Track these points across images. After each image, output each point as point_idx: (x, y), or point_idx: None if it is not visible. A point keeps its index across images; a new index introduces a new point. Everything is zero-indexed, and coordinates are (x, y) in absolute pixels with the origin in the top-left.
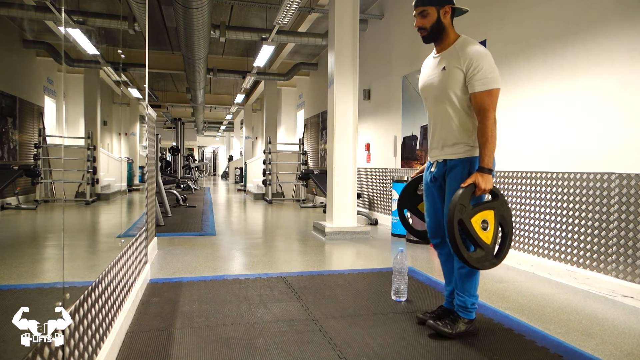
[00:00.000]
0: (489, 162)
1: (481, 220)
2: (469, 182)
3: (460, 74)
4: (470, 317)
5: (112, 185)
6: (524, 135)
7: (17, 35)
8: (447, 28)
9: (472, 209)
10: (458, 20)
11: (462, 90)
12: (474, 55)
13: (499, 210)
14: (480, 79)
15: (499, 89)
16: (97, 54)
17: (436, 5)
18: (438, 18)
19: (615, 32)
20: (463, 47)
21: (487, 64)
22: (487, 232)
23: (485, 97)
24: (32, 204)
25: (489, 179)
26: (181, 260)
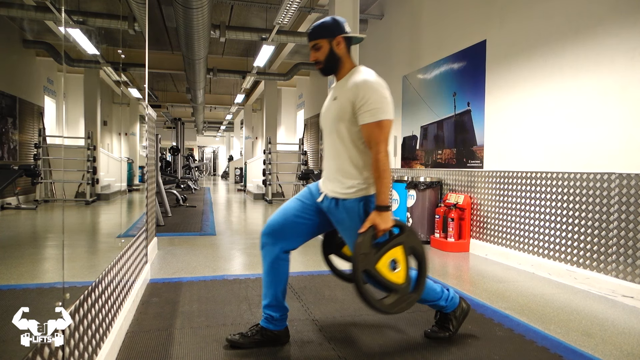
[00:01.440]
0: (385, 199)
1: (389, 261)
2: (367, 226)
3: (349, 105)
4: (453, 307)
5: (112, 185)
6: (524, 135)
7: (17, 35)
8: (342, 58)
9: (375, 253)
10: (458, 21)
11: (351, 122)
12: (362, 85)
13: (408, 243)
14: (369, 109)
15: (391, 120)
16: (97, 54)
17: (327, 37)
18: (331, 49)
19: (615, 32)
20: (353, 77)
21: (376, 94)
22: (398, 272)
23: (374, 128)
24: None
25: (388, 217)
26: (181, 260)
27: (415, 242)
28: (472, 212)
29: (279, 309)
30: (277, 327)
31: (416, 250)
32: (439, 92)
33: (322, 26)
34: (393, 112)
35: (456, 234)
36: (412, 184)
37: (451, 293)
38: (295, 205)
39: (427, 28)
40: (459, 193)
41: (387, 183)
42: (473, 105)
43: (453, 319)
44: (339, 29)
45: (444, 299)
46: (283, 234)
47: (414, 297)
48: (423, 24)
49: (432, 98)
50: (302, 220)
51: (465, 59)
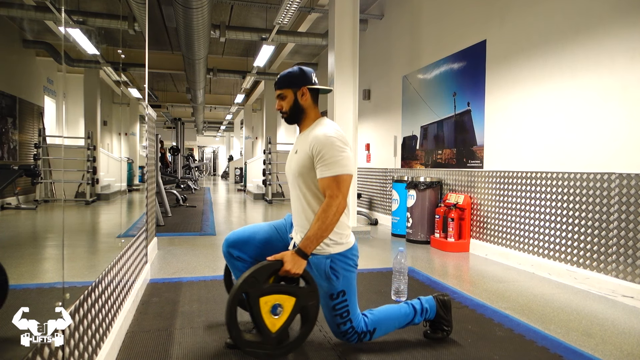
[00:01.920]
0: (310, 247)
1: (274, 303)
2: (277, 258)
3: (308, 159)
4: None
5: (112, 185)
6: (524, 135)
7: (17, 35)
8: (307, 109)
9: (267, 287)
10: (458, 21)
11: (311, 176)
12: (322, 139)
13: (303, 300)
14: (326, 164)
15: (350, 175)
16: (97, 54)
17: (292, 87)
18: (295, 100)
19: (615, 32)
20: (313, 130)
21: (333, 149)
22: (276, 319)
23: (331, 182)
24: (32, 204)
25: (302, 265)
26: (181, 260)
27: (311, 306)
28: (472, 212)
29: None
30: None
31: (307, 314)
32: (439, 92)
33: (288, 76)
34: (353, 167)
35: (456, 234)
36: (412, 184)
37: (423, 302)
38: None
39: (427, 28)
40: (459, 193)
41: (322, 236)
42: (473, 105)
43: (442, 319)
44: (304, 79)
45: (418, 315)
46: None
47: (276, 352)
48: (423, 24)
49: (432, 98)
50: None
51: (465, 59)
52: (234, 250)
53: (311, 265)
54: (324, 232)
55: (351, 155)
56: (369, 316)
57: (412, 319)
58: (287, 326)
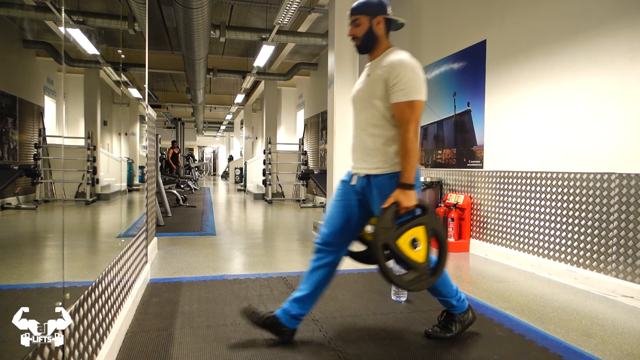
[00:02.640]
0: (410, 177)
1: (410, 239)
2: (391, 202)
3: (382, 83)
4: (463, 309)
5: (112, 185)
6: (524, 135)
7: (17, 35)
8: (380, 39)
9: (396, 229)
10: (458, 21)
11: (383, 100)
12: (397, 64)
13: (430, 224)
14: (401, 88)
15: (422, 101)
16: (97, 54)
17: (369, 15)
18: (370, 28)
19: (615, 32)
20: (387, 56)
21: (410, 74)
22: (418, 251)
23: (405, 108)
24: (32, 204)
25: (412, 195)
26: (181, 260)
27: (437, 225)
28: (472, 212)
29: (304, 307)
30: (289, 325)
31: (438, 232)
32: (439, 92)
33: (366, 3)
34: (426, 93)
35: (456, 234)
36: None
37: (463, 296)
38: (337, 209)
39: (427, 28)
40: (459, 193)
41: (413, 162)
42: (473, 105)
43: (457, 322)
44: (381, 9)
45: (456, 299)
46: (337, 241)
47: (432, 278)
48: (423, 24)
49: (432, 98)
50: (350, 220)
51: (465, 59)
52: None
53: (376, 187)
54: (412, 156)
55: (424, 82)
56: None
57: (453, 295)
58: (429, 252)
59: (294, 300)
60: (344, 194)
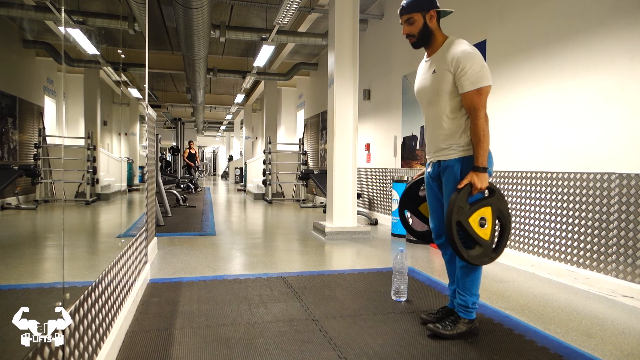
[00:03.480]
0: (484, 161)
1: (479, 218)
2: (465, 183)
3: (449, 75)
4: (470, 317)
5: (112, 185)
6: (524, 135)
7: (17, 35)
8: (435, 32)
9: (469, 208)
10: (458, 21)
11: (452, 92)
12: (461, 56)
13: (496, 205)
14: (469, 78)
15: (489, 86)
16: (97, 54)
17: (421, 11)
18: (424, 23)
19: (615, 32)
20: (450, 48)
21: (475, 63)
22: (485, 229)
23: (474, 96)
24: (32, 204)
25: (485, 178)
26: (181, 260)
27: (503, 206)
28: None
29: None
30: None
31: (502, 213)
32: None
33: (417, 0)
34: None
35: None
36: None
37: (477, 306)
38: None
39: None
40: None
41: (486, 146)
42: None
43: (462, 325)
44: (432, 3)
45: (471, 302)
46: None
47: (495, 255)
48: None
49: None
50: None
51: None
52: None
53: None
54: (485, 141)
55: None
56: None
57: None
58: (494, 231)
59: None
60: (429, 187)
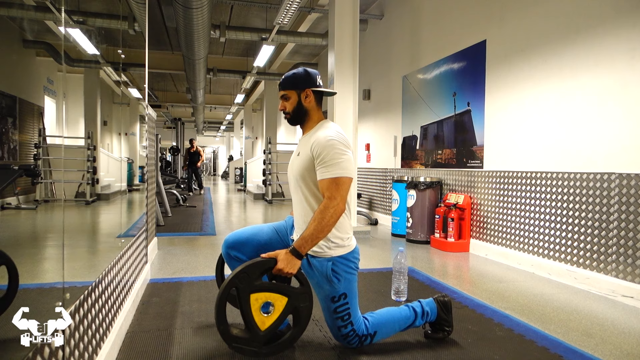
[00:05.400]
0: (306, 248)
1: (265, 301)
2: (272, 256)
3: (309, 161)
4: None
5: (112, 185)
6: (524, 135)
7: (17, 35)
8: (310, 111)
9: (258, 283)
10: (458, 21)
11: (312, 179)
12: (323, 141)
13: (295, 301)
14: (326, 166)
15: (350, 178)
16: (97, 54)
17: (296, 89)
18: (299, 102)
19: (615, 32)
20: (316, 132)
21: (334, 151)
22: (266, 317)
23: (330, 184)
24: (32, 204)
25: (295, 264)
26: (181, 260)
27: (303, 308)
28: (472, 212)
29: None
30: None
31: (299, 314)
32: (439, 92)
33: (293, 77)
34: (354, 170)
35: (456, 234)
36: (412, 184)
37: (424, 304)
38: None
39: (427, 28)
40: (459, 193)
41: (319, 234)
42: (473, 105)
43: (442, 320)
44: (309, 81)
45: (419, 318)
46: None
47: (260, 350)
48: (423, 24)
49: (432, 98)
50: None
51: (465, 59)
52: (232, 251)
53: (312, 268)
54: (320, 232)
55: (352, 159)
56: (369, 319)
57: (413, 321)
58: (276, 326)
59: None
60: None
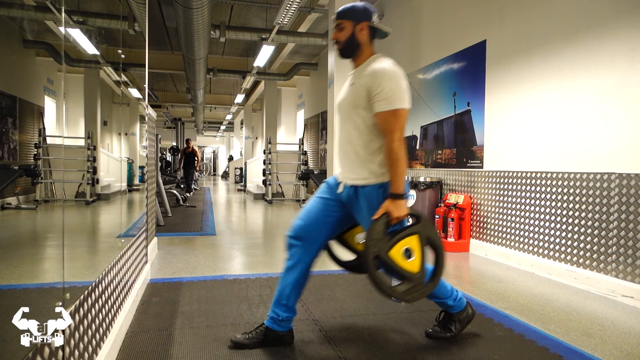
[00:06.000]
0: (399, 187)
1: (403, 249)
2: (381, 213)
3: (365, 92)
4: (460, 308)
5: (112, 185)
6: (524, 135)
7: (17, 35)
8: (362, 45)
9: (388, 240)
10: (458, 21)
11: (366, 108)
12: (379, 73)
13: (424, 232)
14: (384, 97)
15: (406, 110)
16: (97, 54)
17: (352, 20)
18: (353, 33)
19: (615, 32)
20: (371, 64)
21: (392, 83)
22: (412, 261)
23: (389, 117)
24: (32, 204)
25: (402, 205)
26: (181, 260)
27: (431, 233)
28: (472, 212)
29: (288, 310)
30: (282, 329)
31: (433, 241)
32: (439, 92)
33: (352, 8)
34: (409, 101)
35: (456, 234)
36: (412, 184)
37: (460, 294)
38: (317, 205)
39: (427, 28)
40: (459, 193)
41: (401, 172)
42: (473, 105)
43: (457, 321)
44: (366, 15)
45: (452, 298)
46: (310, 236)
47: (428, 287)
48: (423, 24)
49: (432, 98)
50: (327, 219)
51: (465, 59)
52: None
53: (360, 198)
54: (400, 166)
55: (408, 90)
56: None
57: (448, 296)
58: (424, 261)
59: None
60: (328, 193)
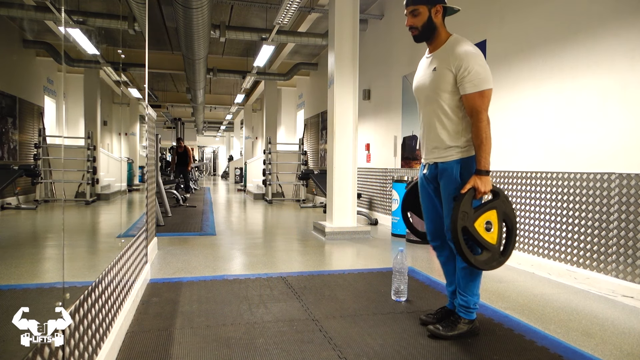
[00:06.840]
0: (486, 164)
1: (484, 222)
2: (468, 187)
3: (450, 75)
4: (471, 318)
5: (112, 185)
6: (524, 135)
7: (17, 35)
8: (439, 27)
9: (474, 213)
10: (458, 21)
11: (452, 91)
12: (464, 56)
13: (501, 208)
14: (471, 80)
15: (491, 89)
16: (97, 54)
17: (427, 4)
18: (429, 17)
19: (615, 32)
20: (453, 47)
21: (478, 65)
22: (491, 233)
23: (476, 98)
24: (32, 204)
25: (488, 181)
26: (181, 260)
27: (508, 209)
28: None
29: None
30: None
31: (508, 216)
32: None
33: None
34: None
35: None
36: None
37: (477, 306)
38: (425, 199)
39: None
40: None
41: (488, 149)
42: None
43: (462, 325)
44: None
45: (473, 302)
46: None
47: (503, 259)
48: None
49: None
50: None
51: None
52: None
53: (444, 172)
54: (487, 144)
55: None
56: None
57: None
58: (501, 234)
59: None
60: (423, 189)
